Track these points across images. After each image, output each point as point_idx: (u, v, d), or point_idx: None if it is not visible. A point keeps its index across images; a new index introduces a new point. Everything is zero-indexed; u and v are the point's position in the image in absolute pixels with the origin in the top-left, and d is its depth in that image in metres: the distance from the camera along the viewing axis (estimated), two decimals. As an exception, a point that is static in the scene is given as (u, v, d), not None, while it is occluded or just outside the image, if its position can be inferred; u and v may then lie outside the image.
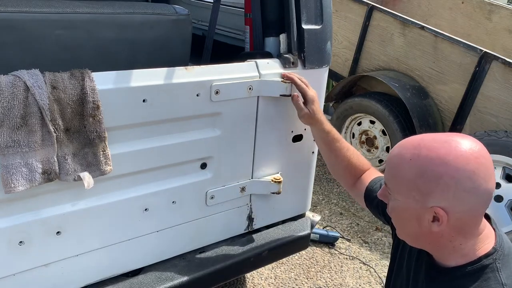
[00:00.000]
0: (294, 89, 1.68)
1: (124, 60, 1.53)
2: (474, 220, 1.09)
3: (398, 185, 1.12)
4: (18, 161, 1.19)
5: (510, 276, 1.09)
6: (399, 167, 1.10)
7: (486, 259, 1.10)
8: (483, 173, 1.03)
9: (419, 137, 1.13)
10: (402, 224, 1.17)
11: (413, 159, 1.07)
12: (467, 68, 3.33)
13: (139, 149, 1.45)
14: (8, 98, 1.15)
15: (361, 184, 1.59)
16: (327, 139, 1.65)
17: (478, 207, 1.06)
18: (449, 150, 1.04)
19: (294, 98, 1.65)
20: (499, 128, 3.16)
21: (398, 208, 1.14)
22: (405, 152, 1.10)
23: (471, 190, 1.02)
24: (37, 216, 1.32)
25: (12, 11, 1.33)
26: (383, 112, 3.65)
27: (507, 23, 4.43)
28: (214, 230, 1.77)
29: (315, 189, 3.69)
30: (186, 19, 1.67)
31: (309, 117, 1.64)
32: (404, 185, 1.09)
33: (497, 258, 1.10)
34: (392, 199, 1.14)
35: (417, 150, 1.08)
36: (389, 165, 1.14)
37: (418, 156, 1.06)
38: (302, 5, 1.70)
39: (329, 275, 2.81)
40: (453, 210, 1.04)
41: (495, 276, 1.08)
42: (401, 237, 1.22)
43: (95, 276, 1.50)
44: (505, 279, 1.07)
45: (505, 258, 1.11)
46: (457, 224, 1.06)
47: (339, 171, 1.67)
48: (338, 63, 4.17)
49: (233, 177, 1.74)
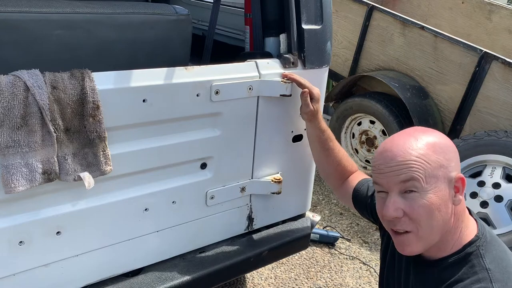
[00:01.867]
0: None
1: (124, 60, 1.53)
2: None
3: (426, 173, 1.12)
4: (18, 161, 1.19)
5: (493, 261, 1.14)
6: (420, 156, 1.13)
7: (470, 247, 1.16)
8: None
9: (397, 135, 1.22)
10: (433, 218, 1.13)
11: (424, 144, 1.14)
12: (467, 68, 3.32)
13: (139, 149, 1.45)
14: (8, 98, 1.15)
15: (348, 185, 1.64)
16: (322, 137, 1.67)
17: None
18: (432, 130, 1.20)
19: (304, 94, 1.64)
20: (499, 128, 3.16)
21: (430, 200, 1.12)
22: (411, 145, 1.15)
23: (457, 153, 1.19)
24: (37, 216, 1.32)
25: (12, 11, 1.33)
26: (383, 112, 3.64)
27: (507, 23, 4.43)
28: (214, 230, 1.77)
29: (315, 189, 3.69)
30: (186, 19, 1.67)
31: (312, 114, 1.65)
32: (431, 169, 1.12)
33: (480, 245, 1.16)
34: (419, 196, 1.12)
35: (413, 137, 1.16)
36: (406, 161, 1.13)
37: (426, 140, 1.15)
38: (302, 5, 1.71)
39: (329, 275, 2.81)
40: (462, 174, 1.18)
41: (479, 262, 1.13)
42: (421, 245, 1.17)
43: (95, 276, 1.50)
44: (488, 264, 1.13)
45: (488, 245, 1.17)
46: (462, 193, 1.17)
47: (329, 170, 1.70)
48: (338, 63, 4.17)
49: (233, 177, 1.74)
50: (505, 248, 1.21)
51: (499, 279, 1.11)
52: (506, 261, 1.16)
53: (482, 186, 3.05)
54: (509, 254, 1.20)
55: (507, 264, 1.15)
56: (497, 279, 1.10)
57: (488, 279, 1.10)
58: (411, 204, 1.12)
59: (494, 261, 1.14)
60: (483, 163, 3.08)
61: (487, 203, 3.01)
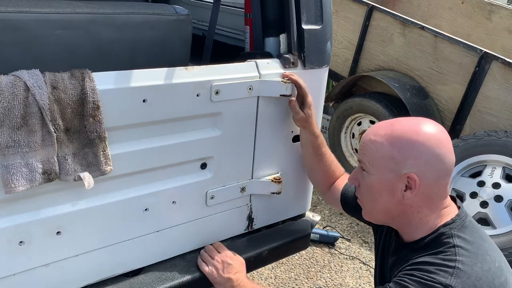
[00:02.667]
0: (294, 89, 1.69)
1: (124, 60, 1.53)
2: (440, 190, 1.20)
3: (373, 159, 1.23)
4: (18, 161, 1.19)
5: (464, 240, 1.17)
6: (374, 142, 1.22)
7: (443, 228, 1.20)
8: (447, 144, 1.19)
9: (391, 120, 1.29)
10: (375, 199, 1.26)
11: (387, 133, 1.21)
12: (467, 68, 3.33)
13: (139, 149, 1.45)
14: (8, 98, 1.15)
15: (335, 188, 1.72)
16: (316, 143, 1.71)
17: (444, 176, 1.19)
18: (418, 123, 1.21)
19: (292, 103, 1.69)
20: (499, 128, 3.16)
21: (372, 183, 1.24)
22: (378, 130, 1.24)
23: (439, 156, 1.16)
24: (37, 216, 1.32)
25: (12, 11, 1.33)
26: (383, 112, 3.65)
27: (507, 23, 4.43)
28: (214, 230, 1.77)
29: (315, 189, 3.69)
30: (186, 19, 1.67)
31: (303, 120, 1.69)
32: (379, 157, 1.21)
33: (454, 227, 1.20)
34: (366, 176, 1.25)
35: (390, 125, 1.23)
36: (364, 143, 1.26)
37: (392, 130, 1.21)
38: (302, 5, 1.71)
39: (329, 275, 2.81)
40: (424, 176, 1.16)
41: (448, 241, 1.17)
42: (369, 216, 1.34)
43: (95, 276, 1.50)
44: (458, 242, 1.16)
45: (463, 228, 1.20)
46: (426, 192, 1.18)
47: (318, 174, 1.78)
48: (338, 63, 4.17)
49: (233, 177, 1.74)
50: (483, 235, 1.23)
51: (464, 255, 1.13)
52: (478, 244, 1.18)
53: (482, 186, 3.05)
54: (486, 241, 1.22)
55: (478, 247, 1.17)
56: (463, 254, 1.12)
57: (454, 254, 1.13)
58: (361, 179, 1.28)
59: (465, 241, 1.16)
60: (483, 163, 3.08)
61: (487, 203, 3.01)
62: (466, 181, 3.12)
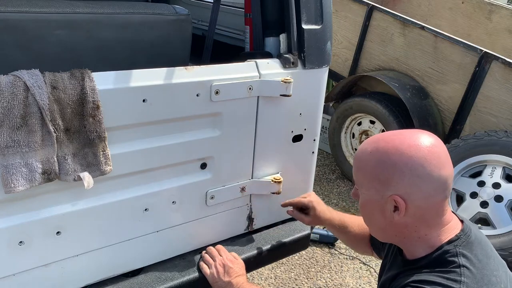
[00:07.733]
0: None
1: (124, 60, 1.53)
2: (434, 209, 1.13)
3: (361, 178, 1.20)
4: (18, 161, 1.19)
5: (469, 260, 1.11)
6: (361, 160, 1.19)
7: (448, 246, 1.14)
8: (435, 160, 1.09)
9: (383, 133, 1.23)
10: (370, 218, 1.23)
11: (372, 152, 1.16)
12: (467, 68, 3.33)
13: (139, 149, 1.45)
14: (8, 98, 1.15)
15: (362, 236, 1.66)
16: (340, 229, 1.70)
17: (434, 194, 1.11)
18: (403, 141, 1.12)
19: (290, 213, 1.75)
20: (499, 128, 3.16)
21: (364, 202, 1.21)
22: (367, 146, 1.19)
23: (424, 176, 1.08)
24: (37, 216, 1.32)
25: (12, 11, 1.33)
26: (383, 112, 3.65)
27: (507, 23, 4.43)
28: (214, 230, 1.77)
29: (315, 189, 3.69)
30: (186, 19, 1.67)
31: (315, 222, 1.71)
32: (366, 177, 1.17)
33: (459, 244, 1.14)
34: (360, 193, 1.22)
35: (376, 143, 1.17)
36: (355, 160, 1.23)
37: (377, 148, 1.15)
38: (302, 5, 1.70)
39: (329, 275, 2.81)
40: (410, 197, 1.10)
41: (453, 260, 1.11)
42: (372, 233, 1.30)
43: (95, 276, 1.50)
44: (463, 262, 1.10)
45: (469, 245, 1.15)
46: (417, 212, 1.12)
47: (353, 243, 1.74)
48: (338, 63, 4.17)
49: (233, 177, 1.74)
50: (488, 251, 1.17)
51: (469, 276, 1.08)
52: (484, 264, 1.12)
53: (482, 186, 3.05)
54: (491, 257, 1.16)
55: (484, 266, 1.11)
56: (468, 276, 1.08)
57: (459, 274, 1.08)
58: (360, 195, 1.24)
59: (470, 261, 1.11)
60: (483, 163, 3.08)
61: (487, 203, 3.01)
62: (466, 181, 3.12)
